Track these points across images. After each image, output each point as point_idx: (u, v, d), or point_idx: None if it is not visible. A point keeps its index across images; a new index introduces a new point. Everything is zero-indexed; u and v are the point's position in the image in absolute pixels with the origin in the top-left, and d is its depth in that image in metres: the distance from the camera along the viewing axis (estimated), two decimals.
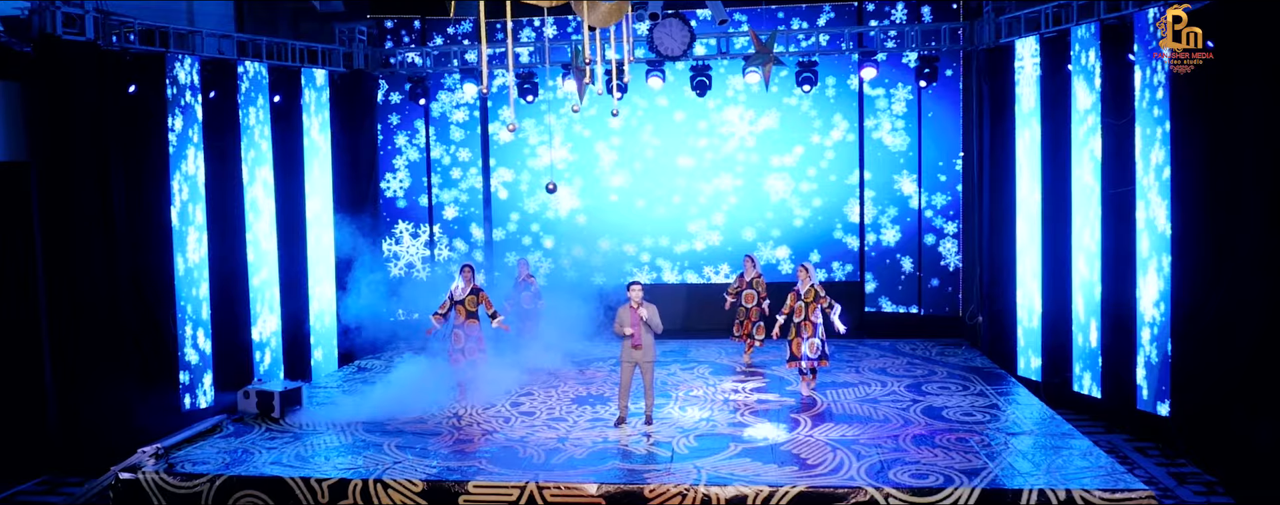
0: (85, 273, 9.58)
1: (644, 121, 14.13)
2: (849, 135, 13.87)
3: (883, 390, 10.54)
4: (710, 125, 14.07)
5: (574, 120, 13.81)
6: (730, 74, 13.78)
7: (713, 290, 14.10)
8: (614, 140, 14.22)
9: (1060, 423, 9.17)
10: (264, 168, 11.62)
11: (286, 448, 8.83)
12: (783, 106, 13.94)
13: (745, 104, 13.96)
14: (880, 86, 13.65)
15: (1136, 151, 9.56)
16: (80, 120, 9.56)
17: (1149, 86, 9.29)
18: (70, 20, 9.53)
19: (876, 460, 8.09)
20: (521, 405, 10.19)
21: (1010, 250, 11.80)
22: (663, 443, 8.72)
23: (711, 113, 14.03)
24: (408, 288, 13.85)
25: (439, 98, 14.35)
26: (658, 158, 14.16)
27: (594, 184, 14.27)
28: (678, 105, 14.03)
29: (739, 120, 14.03)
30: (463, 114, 14.45)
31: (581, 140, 14.28)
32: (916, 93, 13.60)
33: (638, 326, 8.98)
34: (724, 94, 13.90)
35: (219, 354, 10.91)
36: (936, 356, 12.31)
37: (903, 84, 13.65)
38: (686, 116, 14.09)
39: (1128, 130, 9.72)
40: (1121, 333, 9.86)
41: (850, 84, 13.79)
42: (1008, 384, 10.83)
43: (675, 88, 13.73)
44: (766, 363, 11.91)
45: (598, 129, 14.15)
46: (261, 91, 11.58)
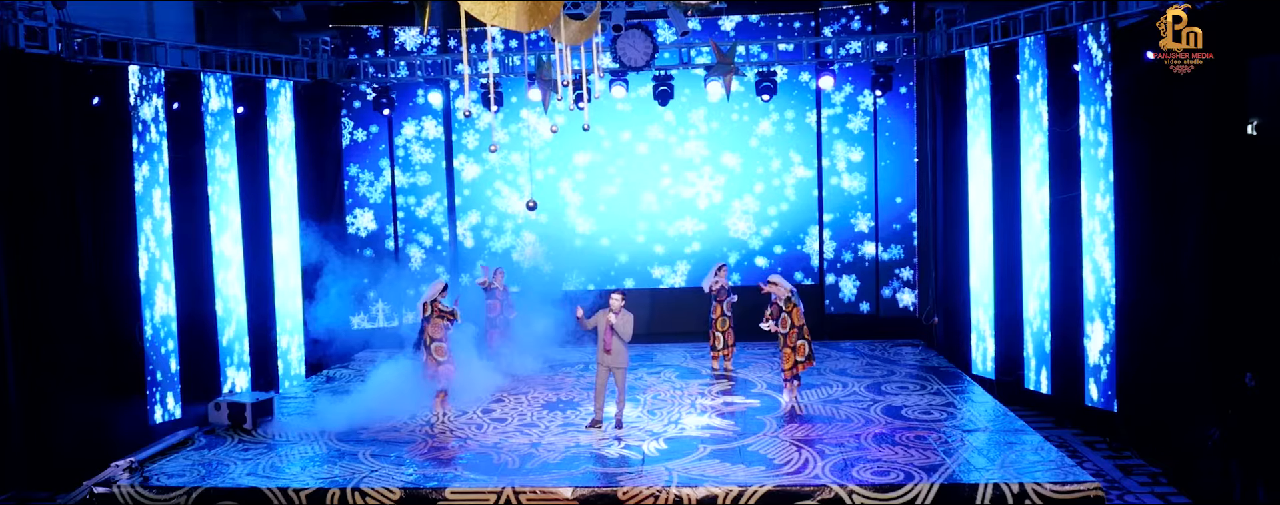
0: (50, 286, 9.54)
1: (617, 126, 14.32)
2: (806, 162, 14.18)
3: (844, 391, 10.88)
4: (672, 129, 14.30)
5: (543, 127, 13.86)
6: (690, 84, 14.06)
7: (677, 295, 14.38)
8: (588, 147, 14.41)
9: (1013, 419, 9.57)
10: (229, 178, 11.62)
11: (261, 459, 8.90)
12: (737, 118, 14.24)
13: (707, 109, 14.22)
14: (839, 98, 14.01)
15: (1081, 158, 10.00)
16: (44, 133, 9.52)
17: (1093, 95, 9.73)
18: (32, 33, 9.49)
19: (840, 459, 8.40)
20: (493, 412, 10.34)
21: (963, 253, 12.22)
22: (634, 446, 8.95)
23: (674, 115, 14.26)
24: (375, 294, 13.91)
25: (402, 107, 14.41)
26: (625, 163, 14.39)
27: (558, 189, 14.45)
28: (642, 106, 14.25)
29: (699, 124, 14.31)
30: (430, 125, 14.53)
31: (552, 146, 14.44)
32: (872, 101, 13.97)
33: (608, 333, 9.20)
34: (681, 100, 14.17)
35: (186, 366, 10.89)
36: (894, 357, 12.70)
37: (856, 88, 14.01)
38: (650, 119, 14.32)
39: (1073, 137, 10.17)
40: (1070, 332, 10.31)
41: (808, 87, 14.11)
42: (963, 383, 11.24)
43: (635, 90, 13.94)
44: (733, 365, 12.17)
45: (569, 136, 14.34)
46: (226, 102, 11.58)
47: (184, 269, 10.94)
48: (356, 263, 14.23)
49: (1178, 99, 8.82)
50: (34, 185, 9.47)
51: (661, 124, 14.25)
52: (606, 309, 9.23)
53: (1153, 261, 9.15)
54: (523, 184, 14.32)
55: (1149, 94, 9.08)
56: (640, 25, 12.05)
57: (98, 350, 9.98)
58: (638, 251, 14.47)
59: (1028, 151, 10.88)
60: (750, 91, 13.61)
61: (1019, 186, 11.07)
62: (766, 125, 14.24)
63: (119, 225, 10.26)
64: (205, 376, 11.11)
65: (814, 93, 14.11)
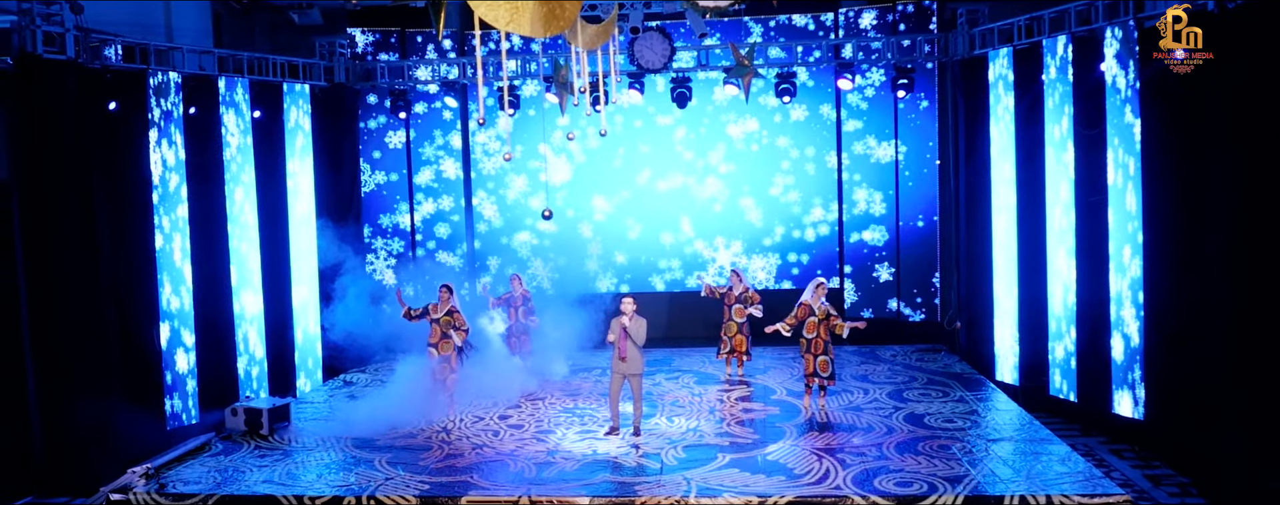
0: (68, 291, 9.53)
1: (631, 134, 14.22)
2: (826, 164, 14.03)
3: (865, 398, 10.72)
4: (696, 135, 14.18)
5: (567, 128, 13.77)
6: (712, 85, 13.93)
7: (695, 298, 14.21)
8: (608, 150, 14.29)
9: (1038, 428, 9.39)
10: (246, 182, 11.60)
11: (277, 465, 8.85)
12: (761, 116, 14.11)
13: (735, 112, 14.07)
14: (857, 100, 13.87)
15: (1109, 160, 9.80)
16: (61, 138, 9.50)
17: (1120, 97, 9.54)
18: (50, 38, 9.49)
19: (862, 469, 8.25)
20: (510, 418, 10.26)
21: (986, 256, 12.03)
22: (651, 454, 8.84)
23: (697, 121, 14.13)
24: (392, 299, 13.84)
25: (419, 108, 14.36)
26: (647, 164, 14.27)
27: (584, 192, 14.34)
28: (664, 112, 14.15)
29: (723, 130, 14.18)
30: (447, 128, 14.48)
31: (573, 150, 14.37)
32: (892, 102, 13.81)
33: (623, 338, 9.10)
34: (710, 100, 14.03)
35: (204, 371, 10.87)
36: (916, 363, 12.52)
37: (878, 92, 13.86)
38: (671, 127, 14.21)
39: (1100, 139, 9.97)
40: (1096, 337, 10.10)
41: (828, 92, 13.99)
42: (986, 389, 11.06)
43: (659, 95, 13.86)
44: (751, 372, 12.03)
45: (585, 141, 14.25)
46: (243, 107, 11.56)
47: (201, 273, 10.92)
48: (374, 265, 14.22)
49: (1208, 99, 8.62)
50: (52, 190, 9.46)
51: (681, 123, 14.11)
52: (619, 315, 9.12)
53: (1182, 265, 8.95)
54: (542, 184, 14.25)
55: (1178, 94, 8.87)
56: (658, 28, 11.93)
57: (115, 355, 9.97)
58: (655, 253, 14.35)
59: (1052, 153, 10.68)
60: (769, 92, 13.47)
61: (1043, 189, 10.88)
62: (785, 125, 14.08)
63: (136, 230, 10.24)
64: (223, 381, 11.08)
65: (833, 93, 13.95)
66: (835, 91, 13.90)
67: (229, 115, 11.35)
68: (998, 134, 11.70)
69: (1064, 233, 10.52)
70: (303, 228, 12.54)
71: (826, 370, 9.96)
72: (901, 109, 13.80)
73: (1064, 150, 10.48)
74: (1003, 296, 11.70)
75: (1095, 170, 10.04)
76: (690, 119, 14.12)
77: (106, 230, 9.90)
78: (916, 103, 13.72)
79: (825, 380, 9.97)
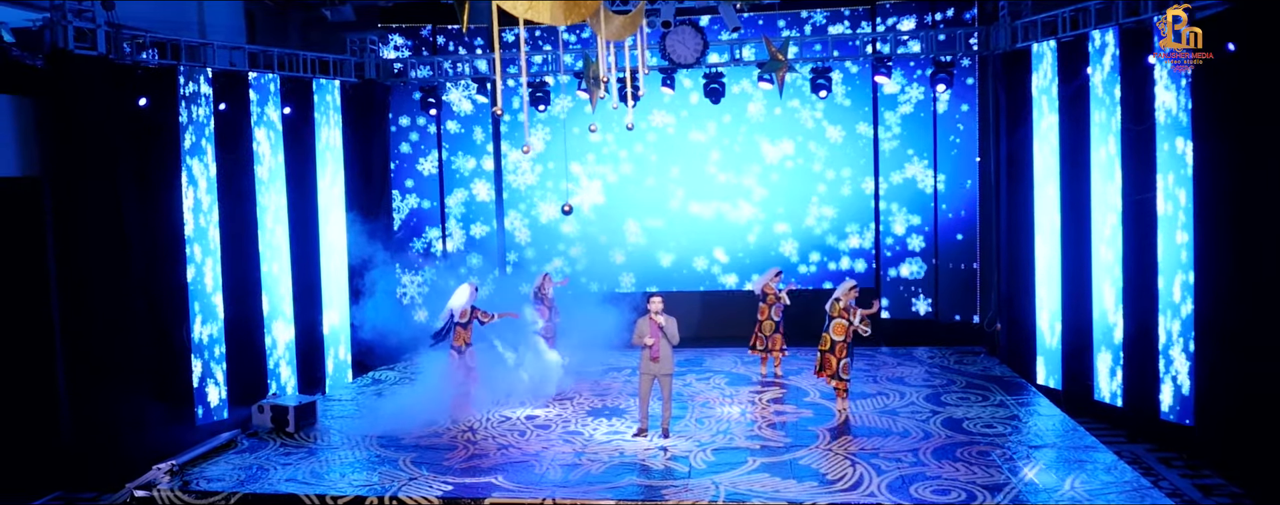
0: (98, 287, 9.55)
1: (665, 155, 14.03)
2: (863, 160, 13.73)
3: (901, 401, 10.43)
4: (728, 132, 13.94)
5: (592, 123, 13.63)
6: (747, 100, 13.73)
7: (728, 297, 14.01)
8: (637, 147, 14.12)
9: (1083, 435, 9.05)
10: (276, 179, 11.58)
11: (301, 464, 8.78)
12: (796, 110, 13.84)
13: (765, 104, 13.81)
14: (896, 91, 13.54)
15: (1158, 157, 9.43)
16: (92, 134, 9.52)
17: (1170, 90, 9.16)
18: (81, 34, 9.50)
19: (897, 475, 7.98)
20: (537, 417, 10.11)
21: (1028, 256, 11.67)
22: (680, 457, 8.63)
23: (726, 114, 13.89)
24: (422, 296, 13.81)
25: (450, 106, 14.28)
26: (672, 162, 14.06)
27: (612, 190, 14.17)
28: (699, 127, 13.99)
29: (755, 129, 13.92)
30: (477, 122, 14.38)
31: (599, 147, 14.19)
32: (931, 97, 13.49)
33: (657, 338, 8.90)
34: (740, 99, 13.79)
35: (233, 367, 10.86)
36: (954, 365, 12.19)
37: (918, 88, 13.53)
38: (705, 146, 13.99)
39: (1148, 135, 9.59)
40: (1144, 340, 9.73)
41: (865, 88, 13.69)
42: (1028, 394, 10.71)
43: (691, 113, 13.70)
44: (785, 372, 11.77)
45: (616, 136, 14.07)
46: (273, 103, 11.54)
47: (231, 269, 10.92)
48: (404, 262, 14.17)
49: (1263, 94, 8.23)
50: (82, 186, 9.48)
51: (716, 120, 13.88)
52: (646, 315, 8.92)
53: (1235, 265, 8.56)
54: (567, 184, 14.09)
55: (1232, 88, 8.49)
56: (690, 22, 11.71)
57: (145, 350, 9.99)
58: (687, 251, 14.13)
59: (1098, 150, 10.31)
60: (805, 88, 13.22)
61: (1089, 187, 10.51)
62: (821, 121, 13.79)
63: (166, 225, 10.25)
64: (252, 377, 11.07)
65: (871, 89, 13.64)
66: (873, 87, 13.57)
67: (259, 111, 11.33)
68: (1041, 129, 11.33)
69: (1110, 232, 10.15)
70: (333, 224, 12.50)
71: (843, 372, 9.76)
72: (939, 105, 13.45)
73: (1110, 146, 10.10)
74: (1045, 297, 11.34)
75: (1144, 167, 9.67)
76: (724, 137, 13.85)
77: (136, 226, 9.91)
78: (955, 98, 13.36)
79: (835, 379, 9.80)
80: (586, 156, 14.11)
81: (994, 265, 12.95)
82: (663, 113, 13.92)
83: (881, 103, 13.66)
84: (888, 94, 13.57)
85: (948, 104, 13.42)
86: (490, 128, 14.33)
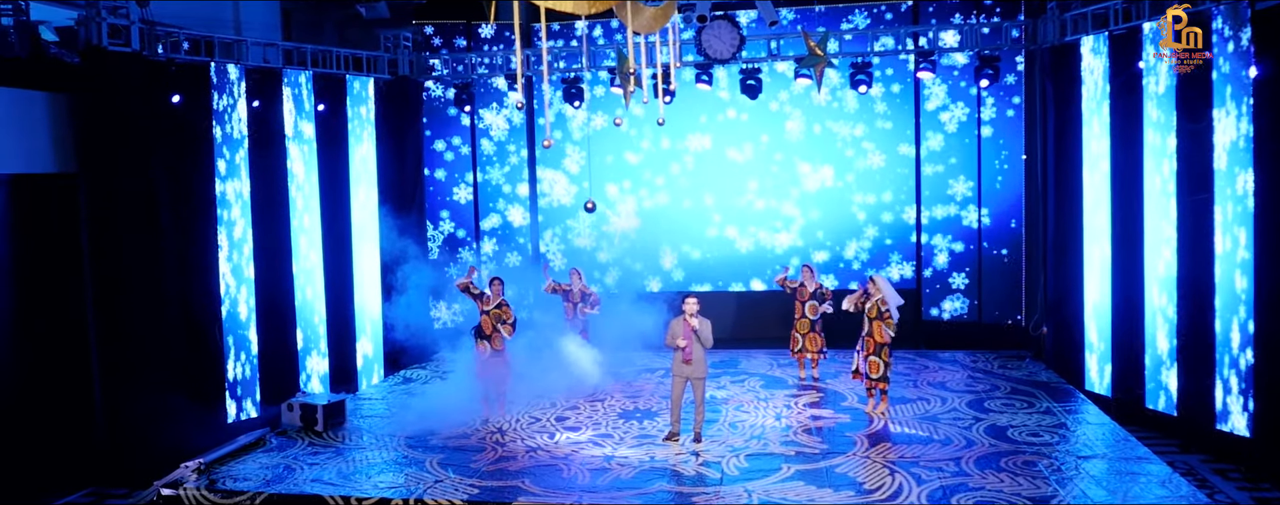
0: (132, 284, 9.56)
1: (696, 127, 13.78)
2: (903, 144, 13.37)
3: (943, 407, 10.09)
4: (763, 128, 13.67)
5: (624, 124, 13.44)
6: (783, 119, 13.47)
7: (764, 298, 13.74)
8: (673, 168, 13.91)
9: (1135, 445, 8.66)
10: (309, 176, 11.54)
11: (329, 464, 8.70)
12: (834, 109, 13.52)
13: (804, 107, 13.53)
14: (939, 86, 13.18)
15: (1215, 155, 9.01)
16: (126, 130, 9.54)
17: (1230, 86, 8.73)
18: (116, 31, 9.51)
19: (938, 485, 7.68)
20: (567, 419, 9.93)
21: (1077, 258, 11.26)
22: (712, 463, 8.40)
23: (763, 113, 13.62)
24: (453, 295, 13.69)
25: (484, 102, 14.17)
26: (707, 160, 13.81)
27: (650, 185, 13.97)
28: (736, 146, 13.74)
29: (791, 123, 13.62)
30: (507, 120, 14.24)
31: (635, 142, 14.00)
32: (976, 93, 13.10)
33: (690, 340, 8.68)
34: (776, 95, 13.52)
35: (265, 364, 10.84)
36: (998, 369, 11.80)
37: (962, 84, 13.16)
38: (738, 118, 13.72)
39: (1205, 133, 9.17)
40: (1199, 346, 9.31)
41: (907, 85, 13.35)
42: (1076, 401, 10.31)
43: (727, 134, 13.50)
44: (822, 375, 11.47)
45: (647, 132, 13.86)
46: (307, 99, 11.50)
47: (264, 266, 10.89)
48: (437, 259, 14.08)
49: None
50: (116, 183, 9.50)
51: (750, 116, 13.61)
52: (681, 316, 8.70)
53: None
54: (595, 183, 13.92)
55: None
56: (726, 15, 11.46)
57: (178, 347, 9.99)
58: (721, 251, 13.87)
59: (1152, 148, 9.90)
60: (844, 83, 12.91)
61: (1141, 186, 10.09)
62: (861, 118, 13.46)
63: (199, 222, 10.23)
64: (283, 375, 11.04)
65: (913, 85, 13.28)
66: (915, 83, 13.20)
67: (293, 108, 11.30)
68: (1090, 126, 10.92)
69: (1164, 233, 9.73)
70: (365, 221, 12.44)
71: (877, 372, 9.52)
72: (984, 100, 13.06)
73: (1165, 144, 9.68)
74: (1094, 300, 10.92)
75: (1200, 166, 9.25)
76: (760, 162, 13.58)
77: (170, 223, 9.91)
78: (1000, 94, 12.96)
79: (877, 382, 9.59)
80: (623, 182, 13.91)
81: (1040, 266, 12.53)
82: (698, 135, 13.68)
83: (924, 100, 13.29)
84: (930, 110, 13.19)
85: (993, 105, 13.02)
86: (526, 150, 14.12)
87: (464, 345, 11.80)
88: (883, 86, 13.31)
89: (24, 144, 9.23)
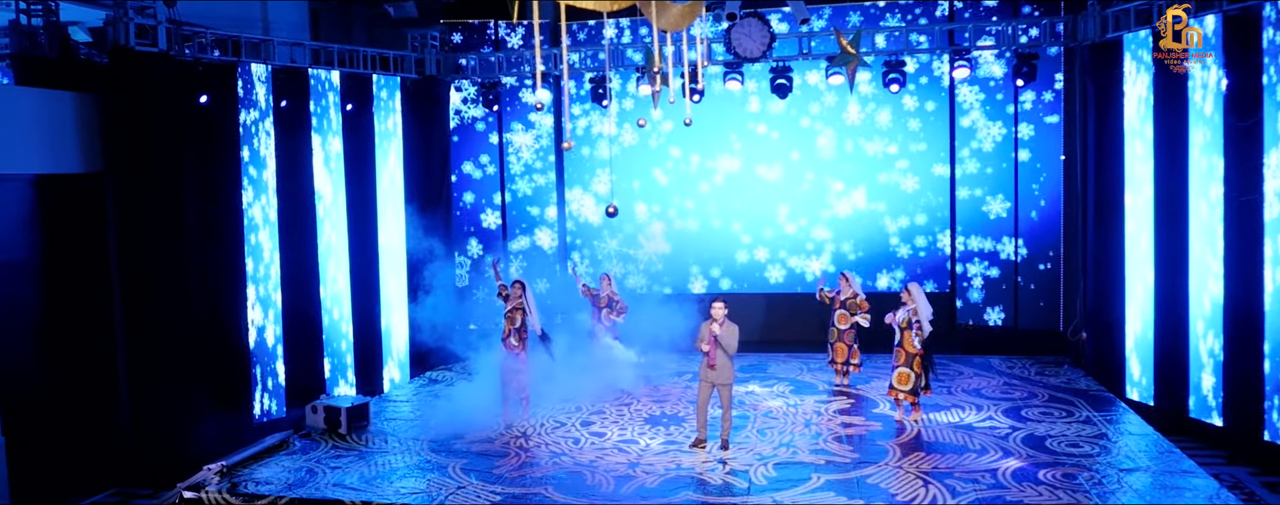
0: (159, 284, 9.55)
1: (725, 125, 13.57)
2: (938, 158, 13.07)
3: (978, 415, 9.80)
4: (794, 145, 13.40)
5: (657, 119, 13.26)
6: (814, 135, 13.26)
7: (795, 300, 13.50)
8: (702, 187, 13.71)
9: (1180, 457, 8.33)
10: (336, 176, 11.49)
11: (351, 468, 8.61)
12: (867, 107, 13.25)
13: (836, 124, 13.29)
14: (974, 84, 12.88)
15: (1264, 155, 8.66)
16: (154, 131, 9.53)
17: None
18: (143, 31, 9.50)
19: (974, 497, 7.42)
20: (592, 424, 9.78)
21: (1118, 260, 10.92)
22: (739, 471, 8.20)
23: (794, 129, 13.38)
24: (480, 296, 13.61)
25: (510, 101, 14.07)
26: (742, 163, 13.61)
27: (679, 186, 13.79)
28: (767, 163, 13.53)
29: (822, 140, 13.36)
30: (536, 137, 14.11)
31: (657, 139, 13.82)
32: (1012, 92, 12.77)
33: (713, 345, 8.49)
34: (807, 109, 13.27)
35: (291, 365, 10.80)
36: (1036, 376, 11.48)
37: (998, 82, 12.84)
38: (769, 135, 13.48)
39: (1255, 132, 8.82)
40: (1248, 354, 8.96)
41: (941, 83, 13.05)
42: (1116, 409, 9.98)
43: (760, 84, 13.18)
44: (855, 380, 11.21)
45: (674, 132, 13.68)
46: (333, 99, 11.45)
47: (290, 267, 10.85)
48: (464, 261, 13.99)
49: None
50: (143, 183, 9.49)
51: (780, 134, 13.39)
52: (708, 320, 8.51)
53: None
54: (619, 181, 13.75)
55: None
56: (756, 13, 11.23)
57: (204, 348, 9.96)
58: (751, 251, 13.65)
59: (1197, 148, 9.54)
60: (877, 83, 12.64)
61: (1186, 187, 9.75)
62: (895, 119, 13.18)
63: (226, 222, 10.21)
64: (309, 376, 10.99)
65: (948, 83, 12.98)
66: (950, 82, 12.90)
67: (319, 108, 11.25)
68: (1132, 125, 10.57)
69: (1210, 236, 9.39)
70: (391, 222, 12.38)
71: (906, 384, 9.30)
72: (1021, 99, 12.73)
73: (1211, 144, 9.34)
74: (1136, 304, 10.58)
75: (1249, 166, 8.90)
76: (790, 182, 13.32)
77: (196, 223, 9.89)
78: (1038, 93, 12.63)
79: (906, 394, 9.35)
80: (653, 206, 13.72)
81: (1079, 269, 12.18)
82: (727, 156, 13.47)
83: (958, 99, 12.98)
84: (967, 93, 12.90)
85: (1028, 99, 12.69)
86: (556, 170, 13.99)
87: (491, 347, 11.71)
88: (917, 99, 12.98)
89: (51, 144, 9.25)
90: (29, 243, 9.40)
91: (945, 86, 13.01)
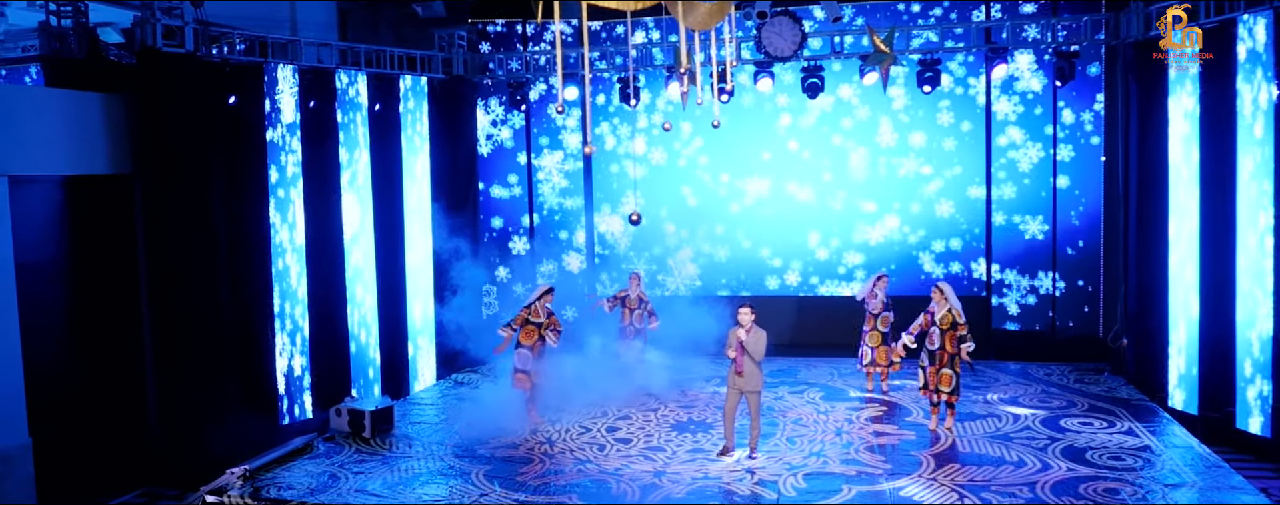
0: (187, 286, 9.54)
1: (765, 124, 13.35)
2: (974, 160, 12.77)
3: (1015, 425, 9.53)
4: (825, 166, 13.15)
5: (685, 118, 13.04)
6: (846, 154, 13.00)
7: (826, 303, 13.26)
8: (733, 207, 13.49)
9: (1228, 472, 8.01)
10: (363, 177, 11.44)
11: (374, 473, 8.52)
12: (904, 106, 12.97)
13: (870, 103, 13.02)
14: (1012, 83, 12.55)
15: None
16: (181, 132, 9.52)
17: None
18: (170, 32, 9.48)
19: None
20: (618, 430, 9.63)
21: (1161, 266, 10.57)
22: (768, 482, 8.01)
23: (825, 147, 13.13)
24: (507, 298, 13.52)
25: (537, 101, 13.95)
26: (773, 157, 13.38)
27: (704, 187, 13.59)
28: (799, 181, 13.29)
29: (862, 122, 13.11)
30: (564, 156, 13.98)
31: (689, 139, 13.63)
32: (1052, 92, 12.43)
33: (740, 352, 8.31)
34: (839, 125, 13.02)
35: (317, 367, 10.76)
36: (1075, 384, 11.16)
37: (1038, 81, 12.50)
38: (799, 154, 13.24)
39: None
40: None
41: (978, 82, 12.73)
42: (1159, 420, 9.66)
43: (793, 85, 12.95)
44: (888, 388, 10.96)
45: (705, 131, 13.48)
46: (361, 99, 11.39)
47: (317, 268, 10.80)
48: (491, 262, 13.89)
49: None
50: (171, 184, 9.48)
51: (815, 118, 13.14)
52: (736, 326, 8.32)
53: None
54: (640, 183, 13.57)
55: None
56: (787, 12, 11.01)
57: (231, 350, 9.95)
58: (784, 254, 13.40)
59: (1247, 151, 9.20)
60: (912, 82, 12.35)
61: (1234, 189, 9.40)
62: (931, 119, 12.89)
63: (254, 223, 10.19)
64: (336, 378, 10.95)
65: (985, 83, 12.65)
66: (987, 82, 12.59)
67: (346, 108, 11.20)
68: (1177, 127, 10.22)
69: (1259, 239, 9.04)
70: (419, 222, 12.31)
71: (949, 385, 8.98)
72: (1060, 99, 12.39)
73: (1262, 145, 8.98)
74: (1180, 310, 10.24)
75: None
76: (821, 203, 13.08)
77: (224, 223, 9.87)
78: (1079, 93, 12.28)
79: (948, 396, 9.07)
80: (681, 231, 13.49)
81: (1120, 274, 11.83)
82: (756, 178, 13.22)
83: (995, 99, 12.65)
84: (1005, 93, 12.57)
85: (1068, 99, 12.35)
86: (583, 196, 13.86)
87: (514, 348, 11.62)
88: (952, 115, 12.67)
89: (80, 145, 9.26)
90: (57, 244, 9.42)
91: (981, 104, 12.63)
